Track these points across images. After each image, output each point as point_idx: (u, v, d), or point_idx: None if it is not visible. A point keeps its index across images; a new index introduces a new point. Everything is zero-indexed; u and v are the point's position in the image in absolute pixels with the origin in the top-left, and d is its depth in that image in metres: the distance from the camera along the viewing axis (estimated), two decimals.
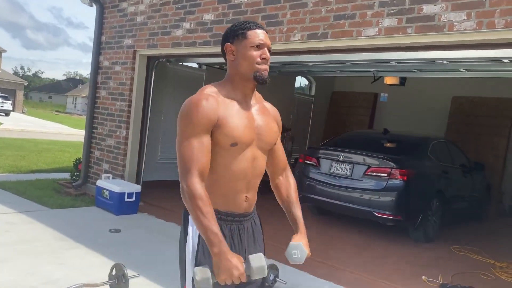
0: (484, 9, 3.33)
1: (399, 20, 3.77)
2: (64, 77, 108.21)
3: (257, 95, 1.85)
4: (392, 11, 3.82)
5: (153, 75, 6.49)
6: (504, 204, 9.14)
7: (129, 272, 3.39)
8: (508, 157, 9.24)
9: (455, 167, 6.66)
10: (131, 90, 6.36)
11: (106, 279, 3.33)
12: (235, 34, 1.72)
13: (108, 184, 5.84)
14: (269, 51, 1.73)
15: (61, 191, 6.78)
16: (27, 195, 6.25)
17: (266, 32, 1.75)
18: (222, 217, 1.72)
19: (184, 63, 7.56)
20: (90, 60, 6.90)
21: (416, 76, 6.83)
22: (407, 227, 5.77)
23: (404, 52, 4.04)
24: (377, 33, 3.90)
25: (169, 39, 5.77)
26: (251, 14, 4.85)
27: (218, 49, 5.25)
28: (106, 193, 5.80)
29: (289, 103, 10.01)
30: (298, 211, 1.94)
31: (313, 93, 11.29)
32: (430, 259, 5.07)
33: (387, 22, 3.85)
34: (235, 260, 1.53)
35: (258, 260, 1.59)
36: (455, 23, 3.46)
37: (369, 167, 5.58)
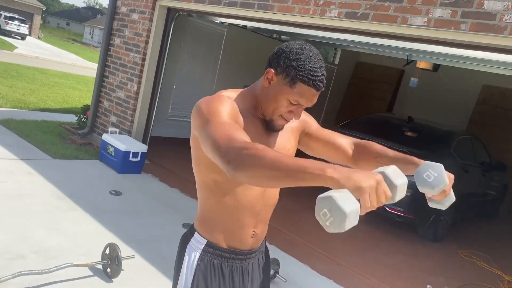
0: None
1: (454, 12, 3.31)
2: (84, 5, 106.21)
3: None
4: (447, 1, 3.35)
5: (171, 28, 6.06)
6: None
7: (123, 251, 3.23)
8: None
9: (476, 166, 6.32)
10: (146, 42, 5.96)
11: (99, 255, 3.17)
12: (286, 71, 1.31)
13: (114, 140, 5.60)
14: (310, 107, 1.40)
15: (66, 137, 6.59)
16: (31, 138, 6.06)
17: (320, 92, 1.34)
18: (224, 254, 1.48)
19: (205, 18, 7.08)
20: None
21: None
22: (417, 225, 5.55)
23: (452, 49, 3.59)
24: (425, 24, 3.45)
25: None
26: None
27: (244, 12, 4.83)
28: (111, 149, 5.59)
29: None
30: (398, 154, 1.51)
31: (336, 61, 10.74)
32: (436, 264, 4.88)
33: (439, 12, 3.39)
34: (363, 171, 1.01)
35: (390, 169, 1.09)
36: None
37: None
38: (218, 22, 7.47)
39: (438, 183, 1.25)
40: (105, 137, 5.73)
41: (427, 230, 5.50)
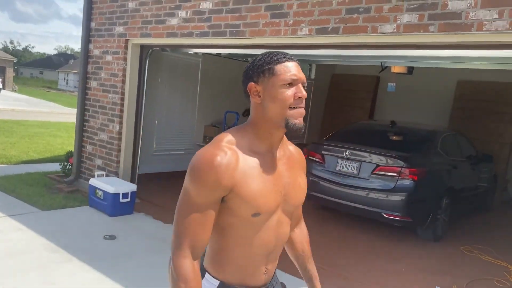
0: None
1: (420, 16, 3.40)
2: (55, 52, 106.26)
3: (283, 138, 1.48)
4: (413, 6, 3.44)
5: (147, 65, 6.08)
6: (509, 192, 8.96)
7: None
8: None
9: (464, 161, 6.39)
10: (123, 82, 5.95)
11: None
12: (260, 70, 1.35)
13: (102, 183, 5.52)
14: (304, 86, 1.36)
15: (53, 187, 6.46)
16: (16, 193, 5.93)
17: (298, 63, 1.38)
18: None
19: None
20: (81, 33, 6.42)
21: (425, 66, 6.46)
22: (416, 227, 5.55)
23: (425, 50, 3.68)
24: (395, 30, 3.53)
25: (164, 28, 5.34)
26: (253, 3, 4.43)
27: (216, 41, 4.87)
28: (100, 193, 5.49)
29: None
30: (313, 268, 1.76)
31: (313, 76, 10.86)
32: (440, 263, 4.86)
33: (406, 18, 3.48)
34: None
35: None
36: (485, 22, 3.10)
37: (377, 165, 5.29)
38: (192, 53, 7.52)
39: None
40: (93, 181, 5.65)
41: (427, 231, 5.51)
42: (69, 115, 20.16)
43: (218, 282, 1.42)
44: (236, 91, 8.54)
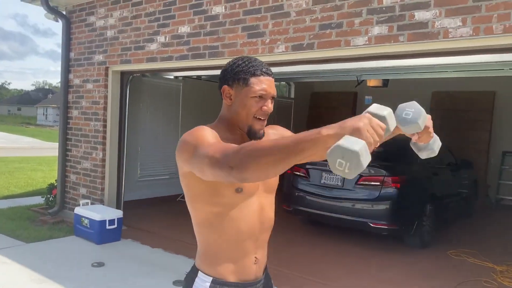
0: (481, 14, 3.16)
1: (390, 27, 3.57)
2: (33, 87, 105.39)
3: None
4: (382, 19, 3.61)
5: (128, 91, 6.14)
6: (490, 198, 9.17)
7: None
8: (491, 150, 9.28)
9: (444, 168, 6.56)
10: (105, 109, 5.98)
11: None
12: (236, 77, 1.46)
13: (87, 211, 5.47)
14: (273, 100, 1.49)
15: (36, 219, 6.36)
16: (0, 228, 5.81)
17: (272, 77, 1.49)
18: None
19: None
20: (59, 68, 6.50)
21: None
22: (402, 235, 5.62)
23: (397, 60, 3.84)
24: (367, 42, 3.69)
25: (143, 54, 5.44)
26: (230, 25, 4.57)
27: (196, 63, 4.97)
28: (86, 221, 5.43)
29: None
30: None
31: (292, 95, 11.09)
32: (429, 268, 4.92)
33: (377, 30, 3.64)
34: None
35: (379, 107, 1.14)
36: (450, 30, 3.28)
37: (360, 176, 5.39)
38: (172, 77, 7.62)
39: (418, 115, 1.26)
40: (78, 210, 5.59)
41: (413, 238, 5.58)
42: (49, 149, 19.89)
43: (211, 278, 1.47)
44: (218, 113, 8.67)
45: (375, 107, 1.15)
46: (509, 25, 3.05)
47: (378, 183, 5.29)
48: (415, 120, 1.25)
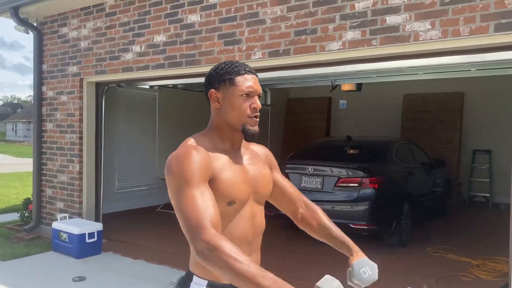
0: (448, 18, 3.30)
1: (363, 32, 3.68)
2: (1, 102, 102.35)
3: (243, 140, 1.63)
4: (355, 24, 3.72)
5: (103, 102, 6.07)
6: (463, 195, 9.45)
7: None
8: (462, 149, 9.58)
9: (418, 167, 6.74)
10: (81, 120, 5.90)
11: None
12: (221, 79, 1.49)
13: (66, 225, 5.36)
14: (259, 97, 1.53)
15: (11, 236, 6.18)
16: None
17: (256, 76, 1.54)
18: None
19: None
20: (27, 82, 6.41)
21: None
22: (382, 234, 5.74)
23: (370, 64, 3.95)
24: (341, 47, 3.79)
25: (119, 64, 5.40)
26: (206, 33, 4.61)
27: (173, 72, 4.98)
28: (64, 235, 5.32)
29: None
30: (339, 232, 1.73)
31: (268, 102, 11.18)
32: (409, 266, 5.04)
33: (350, 35, 3.75)
34: None
35: (329, 283, 1.35)
36: (420, 33, 3.41)
37: (339, 178, 5.49)
38: (147, 87, 7.58)
39: (370, 280, 1.52)
40: (56, 225, 5.47)
41: (392, 237, 5.71)
42: (21, 165, 19.37)
43: (206, 282, 1.48)
44: (195, 121, 8.63)
45: (324, 281, 1.33)
46: (475, 27, 3.20)
47: (356, 185, 5.40)
48: (366, 282, 1.52)
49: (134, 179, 7.82)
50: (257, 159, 1.64)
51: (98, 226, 5.48)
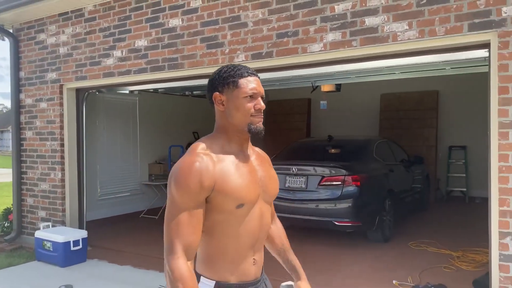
0: (424, 18, 3.44)
1: (343, 34, 3.79)
2: None
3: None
4: (335, 26, 3.83)
5: (84, 108, 6.01)
6: (441, 190, 9.72)
7: None
8: (438, 146, 9.86)
9: (398, 164, 6.91)
10: (61, 127, 5.83)
11: None
12: (225, 82, 1.53)
13: (49, 234, 5.28)
14: (262, 98, 1.56)
15: None
16: None
17: (258, 78, 1.58)
18: None
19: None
20: (10, 84, 6.25)
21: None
22: (365, 230, 5.86)
23: (351, 64, 4.07)
24: (323, 48, 3.89)
25: (100, 69, 5.37)
26: (188, 37, 4.65)
27: (156, 76, 4.99)
28: (48, 244, 5.24)
29: None
30: (295, 258, 1.87)
31: None
32: (393, 260, 5.17)
33: (331, 37, 3.85)
34: None
35: None
36: (398, 33, 3.54)
37: (323, 177, 5.59)
38: (127, 92, 7.54)
39: None
40: (39, 234, 5.38)
41: (376, 233, 5.84)
42: None
43: (214, 282, 1.52)
44: (176, 124, 8.65)
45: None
46: (450, 27, 3.34)
47: (340, 183, 5.51)
48: None
49: (116, 186, 7.76)
50: (264, 160, 1.69)
51: (83, 233, 5.42)
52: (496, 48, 3.17)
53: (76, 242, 5.24)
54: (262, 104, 1.54)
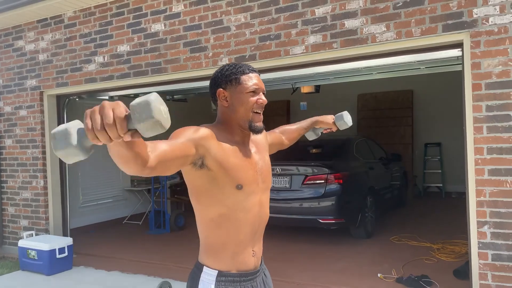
0: (401, 20, 3.60)
1: (324, 36, 3.92)
2: None
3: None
4: (316, 29, 3.95)
5: (65, 114, 5.97)
6: (418, 186, 10.02)
7: None
8: (414, 143, 10.17)
9: (377, 162, 7.11)
10: (43, 135, 5.77)
11: None
12: (228, 79, 1.62)
13: (34, 242, 5.22)
14: (264, 94, 1.66)
15: None
16: None
17: (259, 74, 1.68)
18: (235, 279, 1.62)
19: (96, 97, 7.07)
20: None
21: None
22: (348, 227, 6.02)
23: (331, 65, 4.20)
24: (305, 51, 4.01)
25: (81, 75, 5.36)
26: (171, 41, 4.70)
27: (139, 80, 5.03)
28: (33, 253, 5.18)
29: (209, 122, 9.91)
30: (307, 122, 2.27)
31: None
32: (376, 255, 5.33)
33: (312, 39, 3.97)
34: None
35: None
36: (376, 35, 3.69)
37: (306, 176, 5.72)
38: (107, 98, 7.49)
39: (348, 122, 2.25)
40: (22, 242, 5.31)
41: (358, 230, 6.00)
42: None
43: (216, 271, 1.60)
44: None
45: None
46: (425, 28, 3.51)
47: (323, 181, 5.64)
48: (348, 123, 2.27)
49: (98, 192, 7.69)
50: (261, 148, 1.77)
51: (68, 240, 5.37)
52: (469, 47, 3.35)
53: (61, 250, 5.20)
54: (264, 99, 1.63)
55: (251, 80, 1.62)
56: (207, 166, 1.50)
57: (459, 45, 3.51)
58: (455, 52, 3.74)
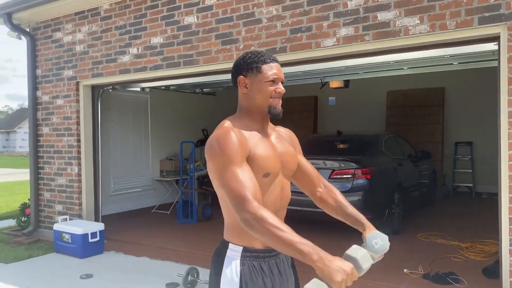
0: (435, 13, 3.55)
1: (356, 28, 3.91)
2: None
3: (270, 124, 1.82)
4: (348, 21, 3.95)
5: (99, 104, 6.17)
6: (448, 186, 9.82)
7: None
8: (445, 142, 9.96)
9: (406, 159, 7.03)
10: (78, 123, 5.98)
11: None
12: (249, 67, 1.69)
13: (68, 226, 5.44)
14: (282, 83, 1.72)
15: (11, 241, 6.20)
16: None
17: (279, 64, 1.73)
18: (259, 255, 1.67)
19: (127, 88, 7.26)
20: (2, 92, 6.45)
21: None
22: (375, 223, 5.96)
23: (363, 58, 4.19)
24: (336, 43, 4.01)
25: (116, 66, 5.52)
26: (203, 34, 4.78)
27: (171, 72, 5.15)
28: (67, 236, 5.39)
29: None
30: (354, 210, 1.89)
31: None
32: (403, 251, 5.28)
33: (344, 31, 3.97)
34: (339, 259, 1.42)
35: (357, 251, 1.56)
36: (409, 27, 3.66)
37: (333, 170, 5.72)
38: (139, 89, 7.69)
39: (382, 250, 1.77)
40: (58, 226, 5.54)
41: (385, 225, 5.93)
42: (2, 175, 19.10)
43: (241, 247, 1.66)
44: (187, 121, 8.79)
45: (361, 257, 1.57)
46: (460, 21, 3.46)
47: (350, 176, 5.63)
48: (378, 252, 1.78)
49: (128, 181, 7.89)
50: (282, 138, 1.84)
51: (100, 226, 5.57)
52: (506, 40, 3.29)
53: (94, 234, 5.39)
54: (282, 88, 1.69)
55: (272, 70, 1.67)
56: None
57: (495, 38, 3.44)
58: (491, 46, 3.66)
